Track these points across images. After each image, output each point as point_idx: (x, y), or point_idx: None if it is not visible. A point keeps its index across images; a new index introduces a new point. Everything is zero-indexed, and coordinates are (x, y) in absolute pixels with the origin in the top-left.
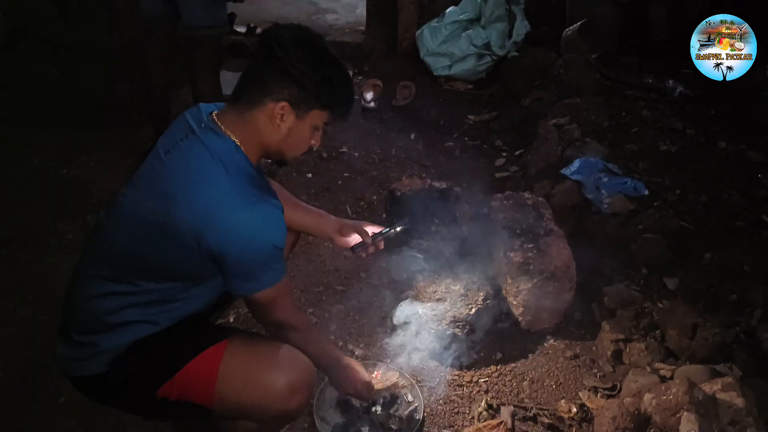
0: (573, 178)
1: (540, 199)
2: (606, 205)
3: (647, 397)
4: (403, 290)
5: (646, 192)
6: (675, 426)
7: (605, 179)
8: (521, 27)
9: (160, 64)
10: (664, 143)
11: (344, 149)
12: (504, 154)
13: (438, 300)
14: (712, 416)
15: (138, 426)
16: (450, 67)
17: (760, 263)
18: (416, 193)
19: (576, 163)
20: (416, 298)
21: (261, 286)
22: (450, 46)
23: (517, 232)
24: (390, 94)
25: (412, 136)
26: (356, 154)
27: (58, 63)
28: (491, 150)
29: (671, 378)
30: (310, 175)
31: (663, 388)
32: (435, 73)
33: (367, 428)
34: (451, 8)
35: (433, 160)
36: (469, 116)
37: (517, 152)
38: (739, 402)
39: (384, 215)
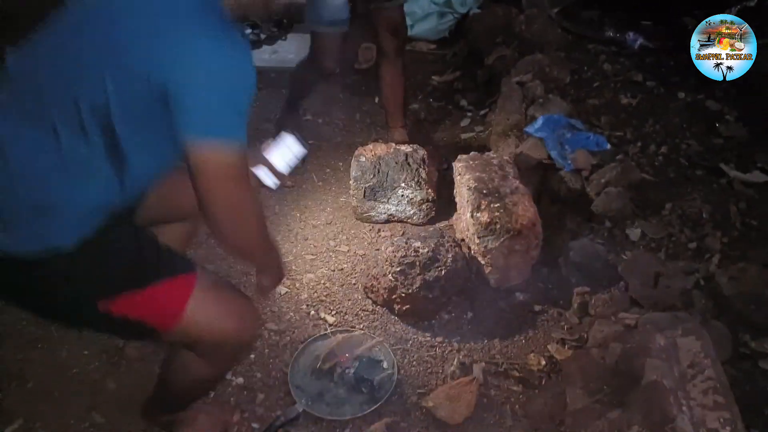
0: (537, 135)
1: (505, 158)
2: (569, 161)
3: (613, 345)
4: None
5: (608, 146)
6: (639, 372)
7: (568, 135)
8: None
9: None
10: (625, 96)
11: (308, 116)
12: (469, 114)
13: (408, 264)
14: (673, 360)
15: (109, 406)
16: (411, 26)
17: (717, 210)
18: (382, 158)
19: (539, 121)
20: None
21: (218, 131)
22: (410, 4)
23: (484, 192)
24: (352, 57)
25: (376, 100)
26: (320, 121)
27: None
28: (456, 110)
29: (635, 326)
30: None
31: (627, 336)
32: None
33: (343, 392)
34: None
35: None
36: (433, 77)
37: (482, 112)
38: (698, 345)
39: (351, 182)
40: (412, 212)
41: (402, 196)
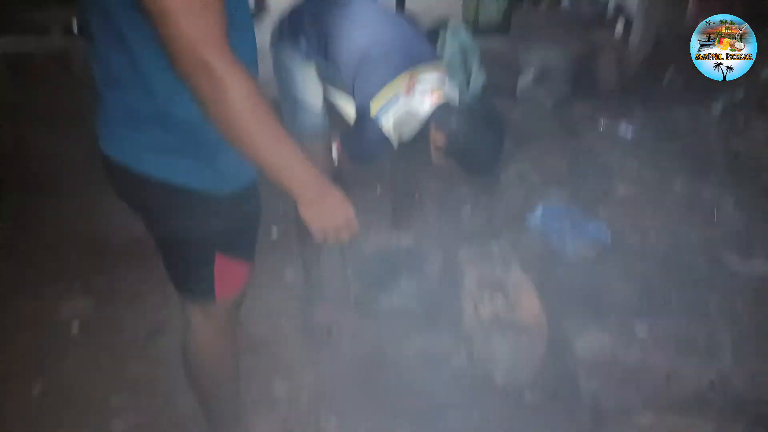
0: (537, 225)
1: (506, 248)
2: (572, 252)
3: None
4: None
5: (609, 236)
6: None
7: (568, 225)
8: (478, 77)
9: None
10: (622, 185)
11: None
12: (469, 202)
13: (413, 362)
14: None
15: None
16: None
17: (724, 302)
18: (383, 250)
19: (539, 210)
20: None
21: None
22: None
23: (486, 284)
24: None
25: (378, 191)
26: None
27: (15, 130)
28: (456, 199)
29: (650, 430)
30: (274, 236)
31: None
32: None
33: None
34: None
35: None
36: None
37: (482, 200)
38: None
39: (352, 273)
40: (416, 303)
41: (405, 287)
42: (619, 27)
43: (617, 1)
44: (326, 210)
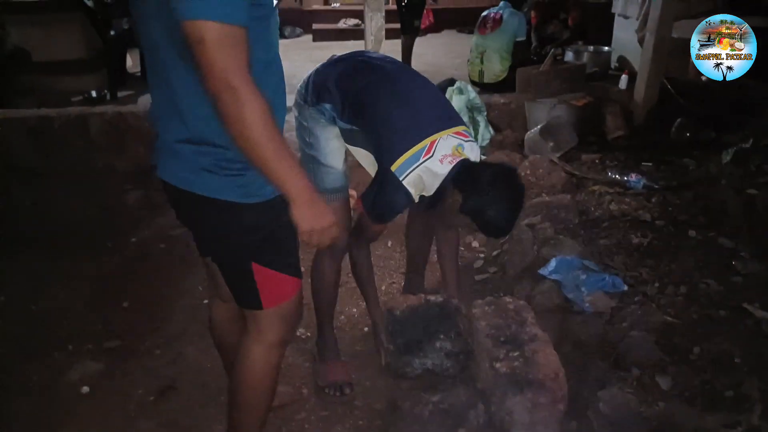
0: (551, 278)
1: (521, 302)
2: (588, 304)
3: None
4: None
5: (625, 287)
6: None
7: (583, 277)
8: (486, 132)
9: None
10: (636, 236)
11: None
12: (482, 255)
13: (425, 422)
14: None
15: None
16: None
17: (748, 353)
18: (415, 310)
19: (553, 263)
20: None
21: (196, 10)
22: None
23: (501, 340)
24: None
25: (389, 244)
26: None
27: (32, 192)
28: (469, 252)
29: None
30: None
31: None
32: None
33: None
34: None
35: None
36: None
37: (495, 252)
38: None
39: (383, 336)
40: (449, 365)
41: (440, 348)
42: (624, 79)
43: (620, 53)
44: (314, 213)
